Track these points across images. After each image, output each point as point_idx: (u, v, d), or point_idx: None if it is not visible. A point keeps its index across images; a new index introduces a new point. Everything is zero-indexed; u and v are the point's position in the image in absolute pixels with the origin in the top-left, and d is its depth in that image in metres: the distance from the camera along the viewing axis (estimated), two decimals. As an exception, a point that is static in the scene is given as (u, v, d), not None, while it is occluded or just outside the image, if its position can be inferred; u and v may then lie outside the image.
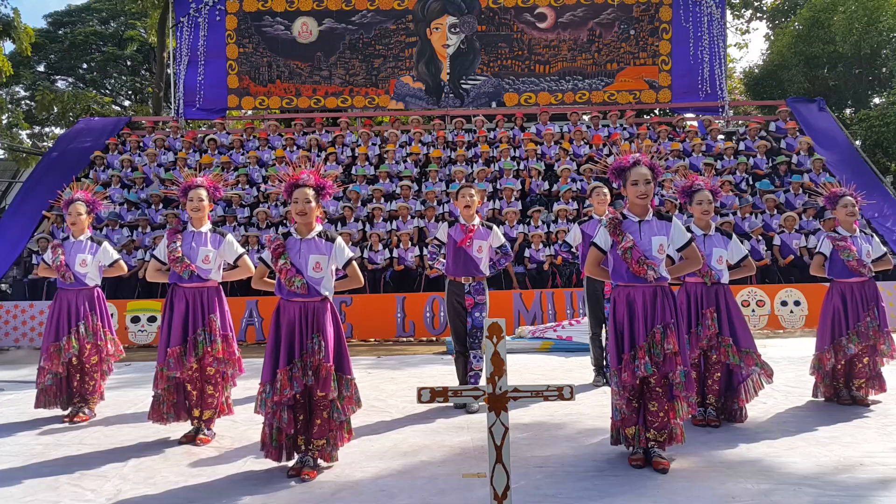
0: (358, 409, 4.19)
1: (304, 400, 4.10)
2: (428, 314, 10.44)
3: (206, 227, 4.96)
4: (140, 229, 12.11)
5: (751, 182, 12.83)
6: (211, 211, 5.12)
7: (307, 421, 4.10)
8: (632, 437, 4.07)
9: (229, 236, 4.99)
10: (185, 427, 4.92)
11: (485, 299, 5.65)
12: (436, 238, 5.90)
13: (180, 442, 4.74)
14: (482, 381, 5.57)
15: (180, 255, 4.78)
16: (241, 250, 5.00)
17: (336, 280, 4.30)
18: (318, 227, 4.25)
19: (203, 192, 4.93)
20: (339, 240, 4.24)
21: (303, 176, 4.21)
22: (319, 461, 4.08)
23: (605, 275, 4.29)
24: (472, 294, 5.62)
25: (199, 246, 4.83)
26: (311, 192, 4.16)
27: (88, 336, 5.57)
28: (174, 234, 4.88)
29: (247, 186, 12.99)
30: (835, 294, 5.52)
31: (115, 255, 5.82)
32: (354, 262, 4.29)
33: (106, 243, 5.80)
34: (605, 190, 6.51)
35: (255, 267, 4.56)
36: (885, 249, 5.66)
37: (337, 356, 4.10)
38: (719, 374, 4.98)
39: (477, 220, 5.70)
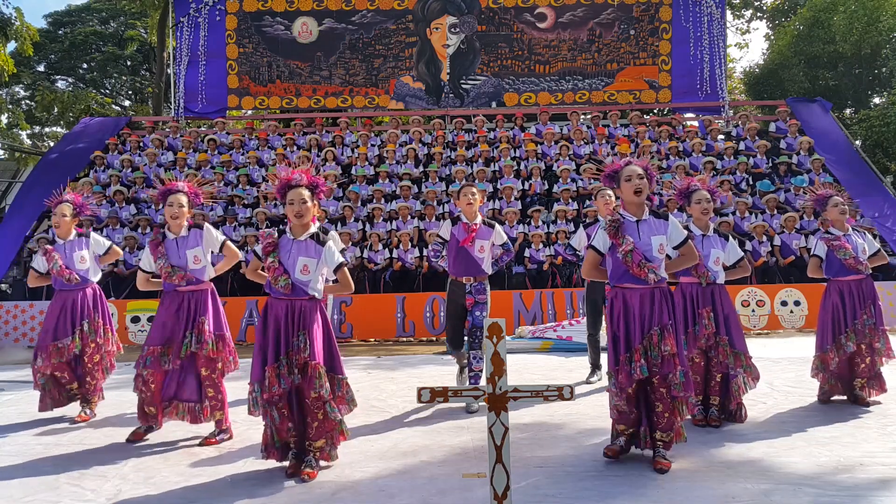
0: (351, 410, 4.17)
1: (297, 400, 4.08)
2: (428, 314, 10.43)
3: (184, 229, 4.85)
4: (140, 229, 12.11)
5: (751, 182, 12.83)
6: (199, 207, 5.09)
7: (302, 422, 4.09)
8: (622, 431, 4.12)
9: (206, 226, 4.91)
10: (184, 428, 4.92)
11: (486, 298, 5.65)
12: (438, 235, 5.85)
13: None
14: (482, 382, 5.57)
15: (171, 269, 4.71)
16: (221, 237, 4.98)
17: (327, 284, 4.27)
18: (313, 229, 4.20)
19: (183, 198, 4.83)
20: (331, 244, 4.17)
21: (295, 176, 4.16)
22: (320, 461, 4.08)
23: (603, 275, 4.28)
24: (472, 294, 5.62)
25: (184, 250, 4.77)
26: (306, 192, 4.14)
27: (91, 334, 5.55)
28: (156, 247, 4.77)
29: (247, 187, 12.99)
30: (833, 292, 5.51)
31: (107, 242, 5.79)
32: (346, 269, 4.23)
33: (93, 234, 5.77)
34: (610, 192, 6.44)
35: (241, 253, 4.57)
36: (878, 245, 5.67)
37: (328, 356, 4.08)
38: (721, 375, 4.98)
39: (479, 219, 5.70)
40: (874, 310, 5.39)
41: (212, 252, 4.93)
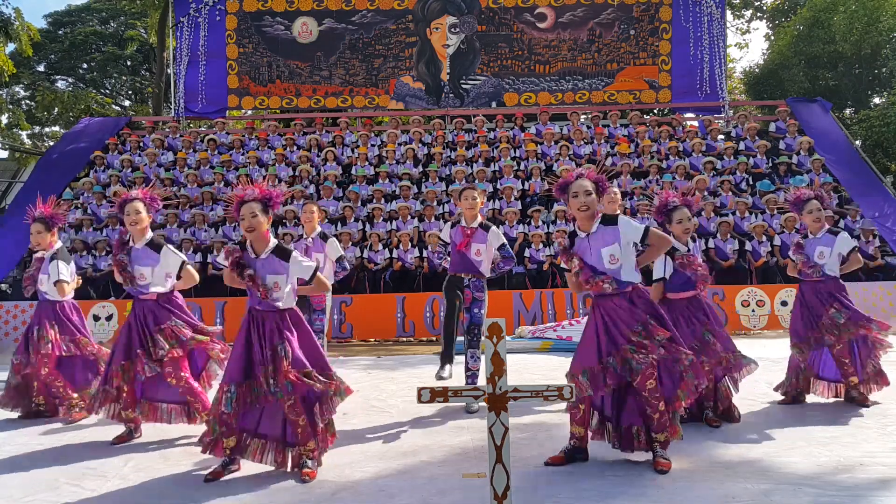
0: (340, 401, 4.12)
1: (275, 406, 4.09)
2: (428, 314, 10.43)
3: (143, 241, 4.87)
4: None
5: (751, 182, 12.84)
6: (163, 211, 5.16)
7: (275, 426, 4.11)
8: (573, 432, 4.11)
9: (165, 248, 4.89)
10: (182, 427, 4.94)
11: (483, 297, 5.65)
12: (440, 238, 5.96)
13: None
14: (481, 381, 5.57)
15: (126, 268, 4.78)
16: (180, 260, 4.91)
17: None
18: (273, 244, 4.18)
19: (140, 205, 4.85)
20: (295, 254, 4.17)
21: (247, 192, 4.15)
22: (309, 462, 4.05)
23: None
24: (471, 289, 5.63)
25: (134, 264, 4.81)
26: (256, 205, 4.11)
27: (45, 344, 5.46)
28: (119, 253, 4.83)
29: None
30: (799, 292, 5.63)
31: (61, 276, 5.53)
32: (319, 275, 4.27)
33: (58, 261, 5.57)
34: (616, 189, 6.41)
35: (197, 276, 4.90)
36: (853, 245, 5.53)
37: (314, 359, 4.08)
38: (713, 378, 4.94)
39: (478, 221, 5.70)
40: (841, 305, 5.36)
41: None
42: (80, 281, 5.98)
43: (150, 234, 4.95)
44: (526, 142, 13.82)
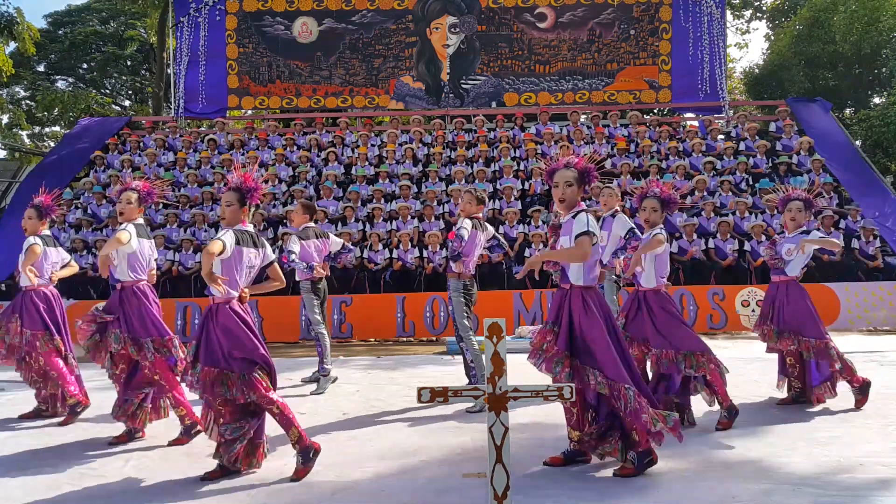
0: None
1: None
2: (428, 314, 10.42)
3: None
4: (140, 229, 12.12)
5: (751, 182, 12.83)
6: (153, 207, 5.20)
7: None
8: (569, 435, 4.14)
9: (128, 227, 4.92)
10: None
11: (449, 294, 5.91)
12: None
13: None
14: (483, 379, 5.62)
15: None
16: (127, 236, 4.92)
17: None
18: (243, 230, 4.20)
19: (133, 195, 4.93)
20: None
21: (233, 179, 4.21)
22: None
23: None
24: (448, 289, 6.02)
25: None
26: (232, 195, 4.18)
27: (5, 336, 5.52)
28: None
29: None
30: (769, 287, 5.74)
31: (29, 243, 5.59)
32: (276, 264, 4.30)
33: (31, 244, 5.60)
34: (614, 187, 6.44)
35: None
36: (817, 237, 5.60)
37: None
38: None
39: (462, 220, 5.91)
40: (797, 314, 5.38)
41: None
42: (75, 270, 5.97)
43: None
44: (526, 142, 13.81)
